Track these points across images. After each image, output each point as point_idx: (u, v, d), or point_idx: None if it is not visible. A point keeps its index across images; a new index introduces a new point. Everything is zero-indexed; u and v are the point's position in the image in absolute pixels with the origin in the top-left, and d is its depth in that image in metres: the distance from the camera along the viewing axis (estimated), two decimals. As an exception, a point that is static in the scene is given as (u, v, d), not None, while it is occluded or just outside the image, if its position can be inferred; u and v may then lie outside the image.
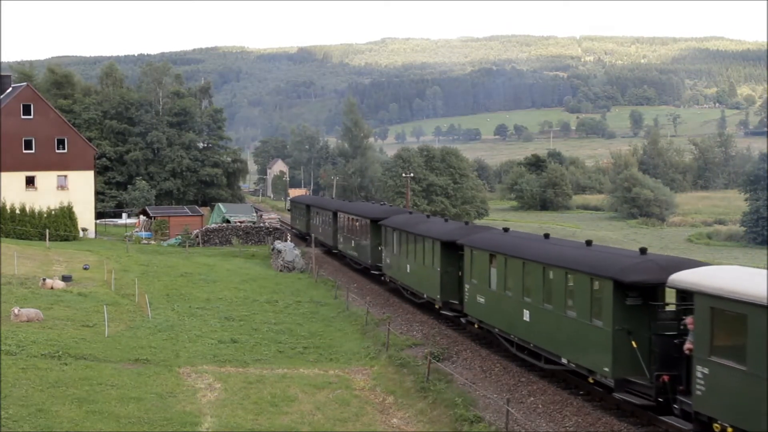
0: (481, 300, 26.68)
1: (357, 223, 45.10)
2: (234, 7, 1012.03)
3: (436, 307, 31.16)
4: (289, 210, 78.02)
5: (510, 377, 23.74)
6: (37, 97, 65.91)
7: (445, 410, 21.04)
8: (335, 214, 51.50)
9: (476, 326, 27.66)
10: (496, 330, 25.64)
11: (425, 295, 32.35)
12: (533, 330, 22.76)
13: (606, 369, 18.70)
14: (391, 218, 38.60)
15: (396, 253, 36.49)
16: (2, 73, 71.51)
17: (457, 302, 29.62)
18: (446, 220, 34.98)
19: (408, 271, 34.63)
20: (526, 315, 23.13)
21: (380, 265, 40.20)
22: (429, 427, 20.63)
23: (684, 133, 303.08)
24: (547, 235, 26.05)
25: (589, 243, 22.34)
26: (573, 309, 20.49)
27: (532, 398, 21.64)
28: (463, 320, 29.07)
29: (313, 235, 60.60)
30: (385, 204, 54.92)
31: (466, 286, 28.00)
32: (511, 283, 24.45)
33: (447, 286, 29.97)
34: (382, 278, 40.05)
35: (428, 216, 38.39)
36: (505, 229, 28.67)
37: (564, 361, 21.07)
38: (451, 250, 29.63)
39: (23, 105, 64.14)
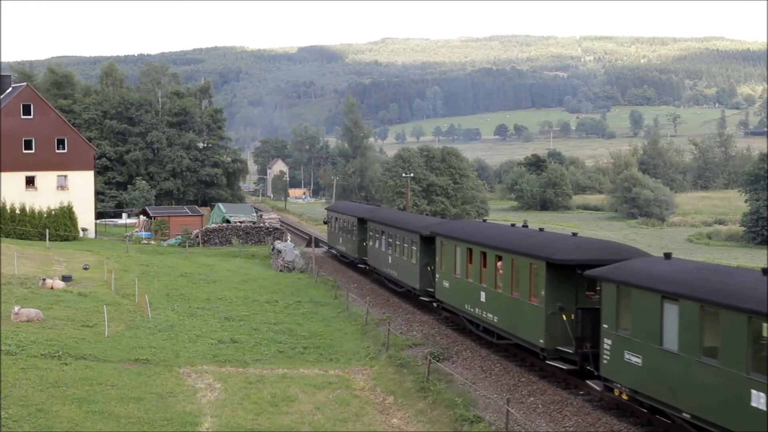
0: None
1: (500, 263, 25.20)
2: (234, 7, 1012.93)
3: None
4: (325, 222, 59.19)
5: (510, 377, 23.73)
6: (37, 97, 65.92)
7: (445, 410, 21.04)
8: (429, 240, 32.81)
9: None
10: None
11: None
12: None
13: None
14: (627, 266, 19.26)
15: (678, 345, 16.97)
16: (2, 73, 71.55)
17: None
18: None
19: (701, 380, 16.29)
20: None
21: (569, 350, 21.40)
22: (429, 427, 20.63)
23: (684, 133, 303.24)
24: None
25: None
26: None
27: (532, 398, 21.64)
28: None
29: (371, 264, 42.98)
30: (525, 225, 28.78)
31: None
32: None
33: None
34: (614, 388, 19.25)
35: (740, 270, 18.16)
36: None
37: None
38: None
39: (23, 105, 64.15)
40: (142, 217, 71.60)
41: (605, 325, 19.42)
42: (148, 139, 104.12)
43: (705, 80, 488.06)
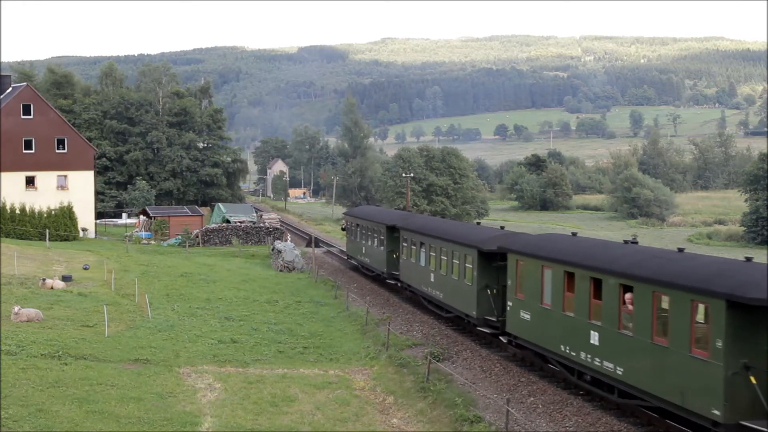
0: None
1: (628, 295, 18.97)
2: (234, 7, 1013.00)
3: None
4: (343, 228, 54.06)
5: (510, 377, 23.72)
6: (37, 97, 65.92)
7: (445, 410, 21.03)
8: (490, 256, 26.68)
9: None
10: None
11: None
12: None
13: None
14: None
15: None
16: (2, 73, 71.56)
17: None
18: None
19: None
20: None
21: (762, 428, 15.41)
22: (429, 427, 20.62)
23: (684, 133, 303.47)
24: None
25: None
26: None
27: (532, 398, 21.63)
28: None
29: (404, 280, 36.60)
30: (635, 240, 23.20)
31: None
32: None
33: None
34: None
35: None
36: None
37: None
38: None
39: (23, 105, 64.16)
40: (142, 217, 71.61)
41: None
42: (148, 139, 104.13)
43: (705, 80, 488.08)
